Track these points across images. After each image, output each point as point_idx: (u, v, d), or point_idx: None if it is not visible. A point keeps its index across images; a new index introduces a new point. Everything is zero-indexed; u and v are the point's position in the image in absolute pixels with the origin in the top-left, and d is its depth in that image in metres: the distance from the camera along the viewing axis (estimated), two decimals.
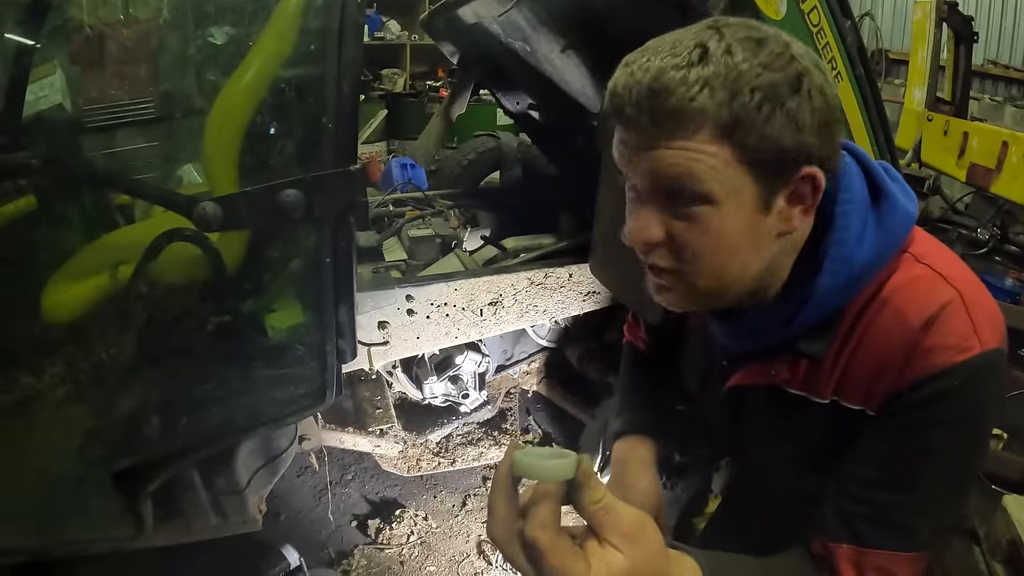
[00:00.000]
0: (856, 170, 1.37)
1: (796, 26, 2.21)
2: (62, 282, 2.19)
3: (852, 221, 1.31)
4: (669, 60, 1.16)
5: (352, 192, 1.82)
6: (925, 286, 1.31)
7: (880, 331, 1.32)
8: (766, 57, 1.15)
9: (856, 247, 1.30)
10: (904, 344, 1.28)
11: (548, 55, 2.81)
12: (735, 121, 1.15)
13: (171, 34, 2.90)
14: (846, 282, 1.32)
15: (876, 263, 1.32)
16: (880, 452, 1.34)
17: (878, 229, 1.33)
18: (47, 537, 2.11)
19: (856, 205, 1.33)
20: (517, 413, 3.50)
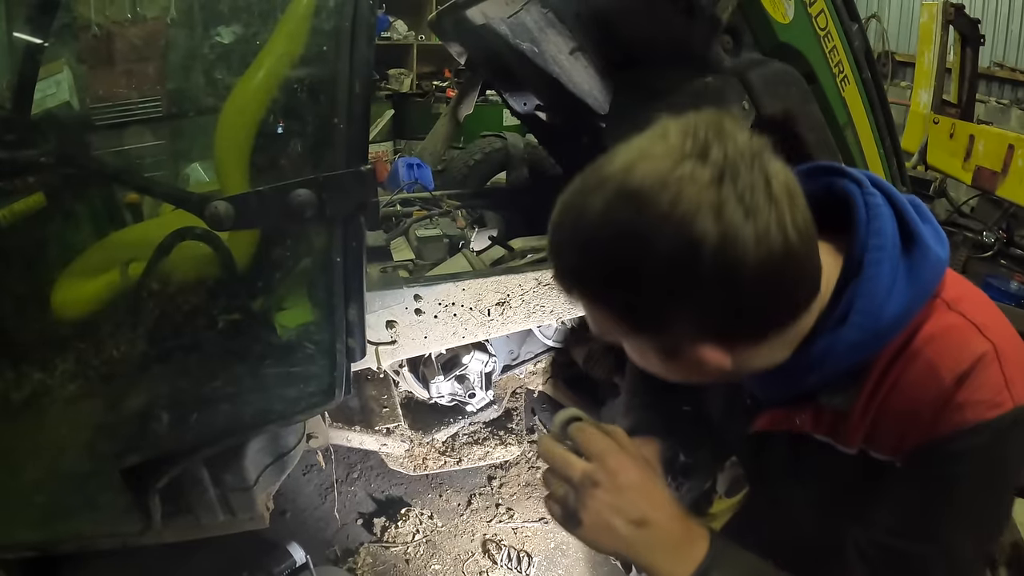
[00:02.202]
0: (888, 211, 1.31)
1: (803, 29, 2.22)
2: (73, 279, 2.20)
3: (882, 271, 1.25)
4: (558, 215, 1.19)
5: (363, 192, 1.83)
6: (958, 338, 1.26)
7: (911, 384, 1.26)
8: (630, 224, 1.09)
9: (885, 300, 1.25)
10: (936, 398, 1.23)
11: (556, 56, 2.82)
12: (592, 289, 1.20)
13: (178, 33, 2.91)
14: (872, 337, 1.27)
15: (905, 316, 1.27)
16: (905, 502, 1.31)
17: (909, 280, 1.27)
18: (56, 532, 2.13)
19: (887, 253, 1.27)
20: (523, 413, 3.50)
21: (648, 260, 1.08)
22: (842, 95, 2.37)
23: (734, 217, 1.04)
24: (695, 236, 1.04)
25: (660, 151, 1.08)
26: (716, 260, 1.05)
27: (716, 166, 1.05)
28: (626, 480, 1.30)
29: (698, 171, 1.05)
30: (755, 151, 1.09)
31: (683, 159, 1.06)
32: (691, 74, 2.11)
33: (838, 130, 2.36)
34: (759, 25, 2.12)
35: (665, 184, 1.05)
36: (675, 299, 1.14)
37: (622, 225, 1.09)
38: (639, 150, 1.10)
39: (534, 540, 3.41)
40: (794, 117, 2.19)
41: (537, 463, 3.85)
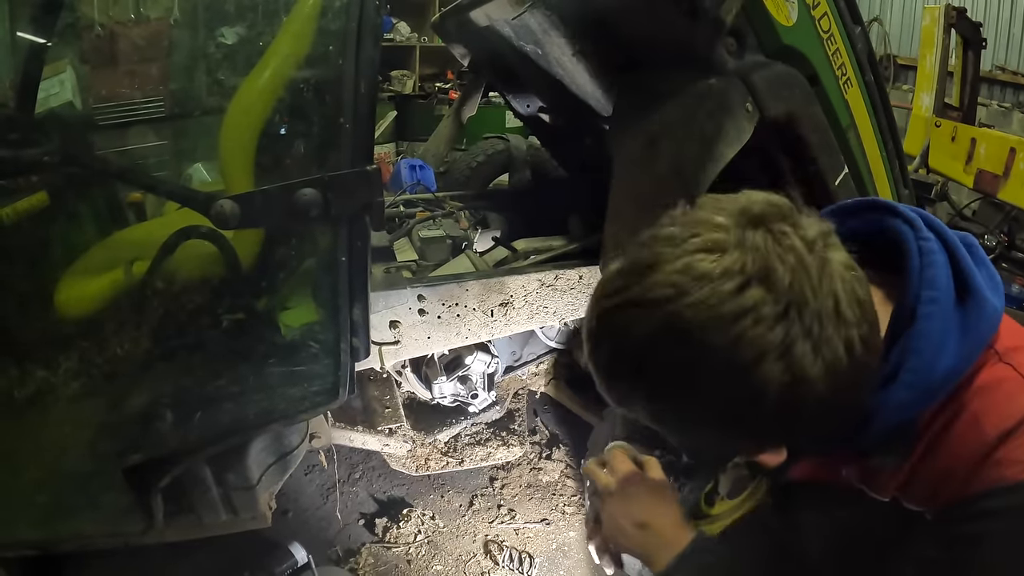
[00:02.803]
0: (942, 258, 1.23)
1: (807, 32, 2.22)
2: (76, 277, 2.20)
3: (934, 326, 1.18)
4: (596, 328, 1.17)
5: (368, 192, 1.83)
6: (1007, 393, 1.20)
7: (954, 436, 1.20)
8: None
9: (937, 357, 1.17)
10: (976, 453, 1.17)
11: (559, 58, 2.82)
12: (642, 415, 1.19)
13: (182, 33, 2.92)
14: (923, 395, 1.19)
15: (958, 372, 1.19)
16: (933, 559, 1.25)
17: (963, 334, 1.19)
18: (57, 531, 2.13)
19: (940, 306, 1.19)
20: (525, 414, 3.50)
21: (704, 402, 1.08)
22: (845, 97, 2.38)
23: (803, 357, 1.00)
24: (759, 381, 1.01)
25: (716, 269, 1.00)
26: (781, 401, 1.02)
27: (781, 295, 0.99)
28: (634, 491, 1.60)
29: (761, 305, 0.99)
30: (821, 258, 1.03)
31: (744, 286, 0.99)
32: (694, 76, 2.12)
33: (841, 132, 2.36)
34: (762, 27, 2.12)
35: (723, 323, 1.00)
36: (732, 434, 1.16)
37: (673, 367, 1.06)
38: (688, 268, 1.02)
39: (536, 541, 3.40)
40: (797, 119, 2.19)
41: (538, 464, 3.85)
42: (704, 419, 1.12)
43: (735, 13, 2.01)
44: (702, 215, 1.07)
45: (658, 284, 1.03)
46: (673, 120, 2.15)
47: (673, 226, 1.09)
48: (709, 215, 1.06)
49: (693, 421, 1.14)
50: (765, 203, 1.06)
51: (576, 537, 3.42)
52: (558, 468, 3.84)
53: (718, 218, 1.04)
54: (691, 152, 2.06)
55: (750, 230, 1.02)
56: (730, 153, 2.04)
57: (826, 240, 1.06)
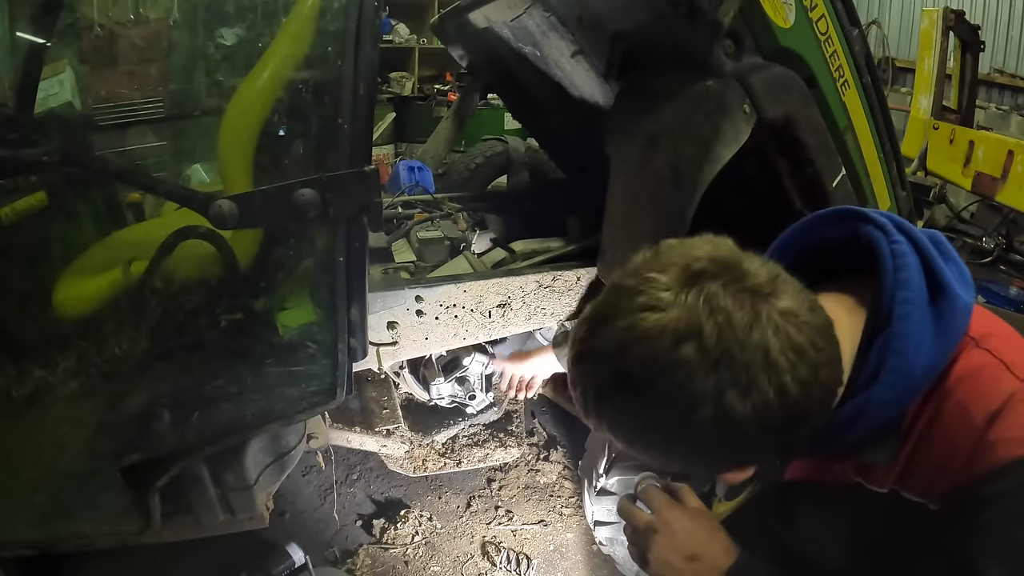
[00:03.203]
0: (914, 260, 1.31)
1: (804, 34, 2.22)
2: (75, 277, 2.21)
3: (911, 327, 1.26)
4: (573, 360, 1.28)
5: (367, 192, 1.83)
6: (988, 377, 1.26)
7: (943, 426, 1.27)
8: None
9: (915, 355, 1.25)
10: (968, 439, 1.23)
11: (558, 60, 2.82)
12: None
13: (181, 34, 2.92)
14: (904, 393, 1.27)
15: (935, 368, 1.28)
16: (946, 550, 1.29)
17: (938, 331, 1.27)
18: (55, 531, 2.13)
19: (915, 306, 1.27)
20: (523, 415, 3.50)
21: (655, 440, 1.23)
22: (842, 99, 2.38)
23: (732, 403, 1.09)
24: (696, 424, 1.11)
25: (654, 328, 1.11)
26: (719, 439, 1.13)
27: (710, 351, 1.09)
28: (678, 526, 1.56)
29: (693, 360, 1.09)
30: (753, 312, 1.11)
31: (678, 343, 1.09)
32: (692, 78, 2.12)
33: (838, 134, 2.37)
34: (760, 29, 2.12)
35: (662, 376, 1.11)
36: (686, 462, 1.30)
37: (624, 412, 1.21)
38: (632, 326, 1.13)
39: (533, 542, 3.41)
40: (795, 121, 2.20)
41: (536, 466, 3.86)
42: (661, 451, 1.25)
43: (733, 15, 2.01)
44: (651, 272, 1.17)
45: (609, 339, 1.16)
46: (671, 122, 2.15)
47: (630, 276, 1.19)
48: (657, 273, 1.16)
49: (652, 453, 1.26)
50: (708, 259, 1.15)
51: (573, 538, 3.43)
52: (556, 470, 3.85)
53: (662, 277, 1.15)
54: (688, 154, 2.07)
55: (686, 290, 1.12)
56: (727, 155, 2.04)
57: (771, 287, 1.14)
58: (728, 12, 1.99)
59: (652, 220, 2.18)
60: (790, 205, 2.37)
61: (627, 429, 1.24)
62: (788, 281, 1.17)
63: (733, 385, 1.09)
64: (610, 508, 2.85)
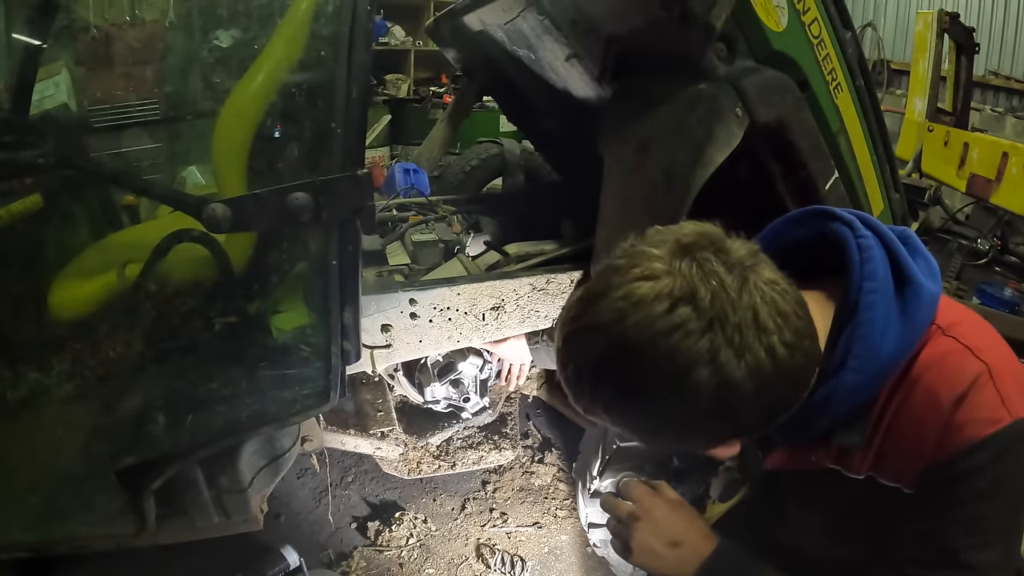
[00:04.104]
0: (880, 253, 1.37)
1: (797, 37, 2.23)
2: (70, 280, 2.20)
3: (876, 315, 1.32)
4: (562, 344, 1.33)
5: (360, 196, 1.84)
6: (953, 362, 1.32)
7: (912, 410, 1.33)
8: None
9: (881, 341, 1.31)
10: (936, 422, 1.29)
11: (552, 63, 2.83)
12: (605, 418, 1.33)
13: (177, 36, 2.92)
14: (871, 378, 1.33)
15: (901, 354, 1.34)
16: (923, 531, 1.35)
17: (903, 319, 1.33)
18: (51, 533, 2.13)
19: (880, 295, 1.33)
20: (517, 418, 3.51)
21: (649, 408, 1.24)
22: (835, 102, 2.39)
23: (727, 363, 1.14)
24: (693, 385, 1.15)
25: (650, 294, 1.16)
26: (715, 402, 1.16)
27: (704, 312, 1.14)
28: (659, 514, 1.64)
29: (688, 321, 1.14)
30: (742, 278, 1.17)
31: (673, 307, 1.15)
32: (685, 81, 2.12)
33: (831, 137, 2.37)
34: (753, 33, 2.13)
35: (658, 339, 1.15)
36: (679, 434, 1.31)
37: (622, 381, 1.22)
38: (628, 295, 1.18)
39: (528, 544, 3.41)
40: (787, 124, 2.20)
41: (531, 468, 3.86)
42: (655, 423, 1.28)
43: (725, 19, 2.01)
44: (643, 247, 1.23)
45: (605, 310, 1.20)
46: (664, 125, 2.16)
47: (621, 257, 1.25)
48: (648, 247, 1.23)
49: (647, 426, 1.30)
50: (695, 234, 1.23)
51: (568, 541, 3.43)
52: (550, 472, 3.85)
53: (655, 250, 1.21)
54: (681, 157, 2.07)
55: (679, 258, 1.19)
56: (720, 158, 2.05)
57: (753, 259, 1.22)
58: (720, 15, 1.99)
59: (645, 223, 2.15)
60: (783, 208, 2.37)
61: (622, 402, 1.25)
62: (764, 258, 1.25)
63: (728, 344, 1.14)
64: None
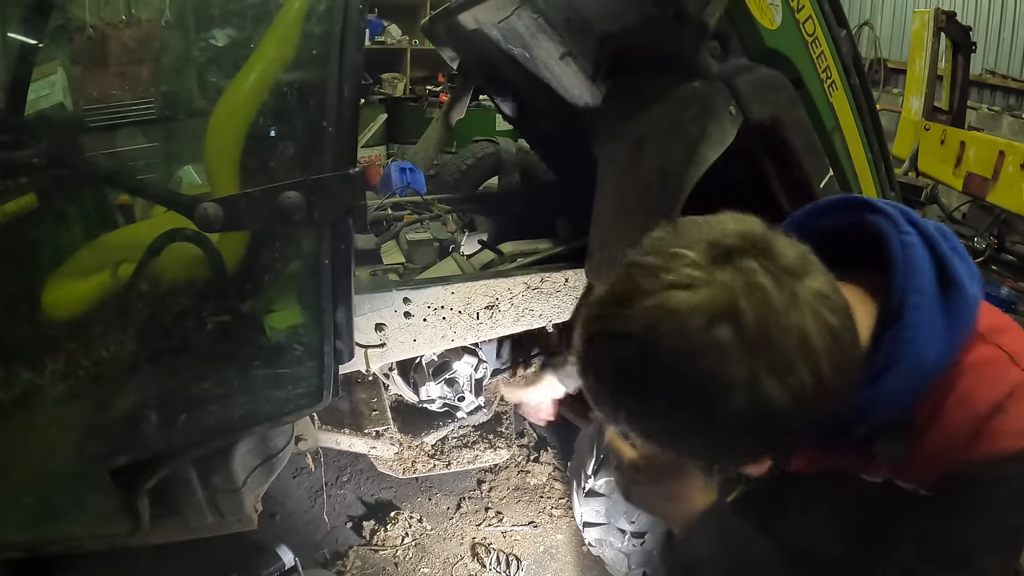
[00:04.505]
0: (923, 252, 1.29)
1: (791, 35, 2.22)
2: (63, 279, 2.20)
3: (922, 318, 1.24)
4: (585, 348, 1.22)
5: (352, 195, 1.84)
6: (994, 369, 1.27)
7: (945, 414, 1.26)
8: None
9: (926, 347, 1.23)
10: (970, 427, 1.23)
11: (547, 61, 2.82)
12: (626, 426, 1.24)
13: (172, 36, 2.92)
14: (916, 384, 1.26)
15: (946, 360, 1.26)
16: (937, 532, 1.31)
17: (948, 324, 1.25)
18: (45, 533, 2.12)
19: (925, 297, 1.25)
20: (512, 417, 3.50)
21: (677, 425, 1.14)
22: (830, 100, 2.38)
23: (768, 389, 1.03)
24: (727, 411, 1.05)
25: (685, 305, 1.04)
26: (750, 424, 1.07)
27: (747, 333, 1.02)
28: (660, 464, 1.57)
29: (728, 342, 1.02)
30: (790, 293, 1.05)
31: (711, 323, 1.03)
32: (679, 80, 2.12)
33: (826, 135, 2.37)
34: (747, 31, 2.12)
35: (692, 358, 1.04)
36: (707, 451, 1.26)
37: (648, 396, 1.11)
38: (660, 304, 1.05)
39: (523, 544, 3.41)
40: (781, 122, 2.20)
41: (526, 467, 3.86)
42: (682, 440, 1.19)
43: (719, 17, 2.01)
44: (677, 248, 1.09)
45: (633, 318, 1.07)
46: (657, 123, 2.15)
47: (651, 255, 1.12)
48: (683, 249, 1.09)
49: (672, 441, 1.21)
50: (737, 235, 1.09)
51: (563, 540, 3.43)
52: (546, 471, 3.85)
53: (691, 252, 1.07)
54: (675, 155, 2.07)
55: (719, 266, 1.05)
56: (713, 156, 2.04)
57: (803, 267, 1.09)
58: (714, 14, 1.99)
59: (639, 222, 2.17)
60: (777, 207, 2.37)
61: (647, 416, 1.16)
62: (816, 261, 1.13)
63: (770, 371, 1.03)
64: (599, 509, 2.85)
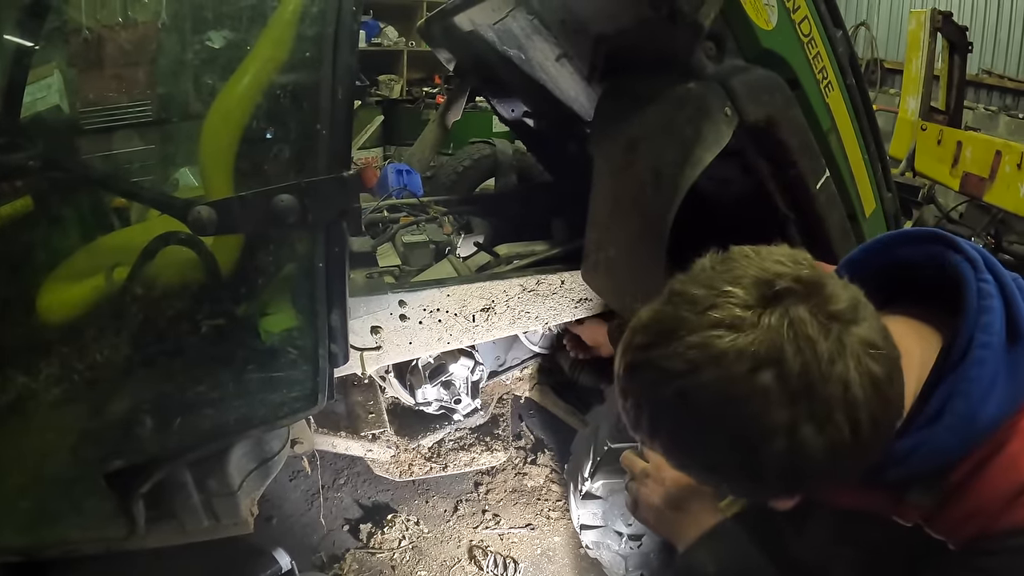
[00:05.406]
0: (999, 303, 1.23)
1: (787, 36, 2.22)
2: (58, 283, 2.20)
3: (984, 372, 1.18)
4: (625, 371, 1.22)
5: (345, 198, 1.84)
6: None
7: (989, 475, 1.21)
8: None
9: (983, 402, 1.17)
10: (1007, 492, 1.18)
11: (542, 63, 2.82)
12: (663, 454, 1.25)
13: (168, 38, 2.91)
14: (965, 440, 1.20)
15: (1001, 419, 1.19)
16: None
17: (1011, 380, 1.19)
18: (41, 537, 2.12)
19: (992, 351, 1.19)
20: (509, 419, 3.50)
21: (711, 462, 1.15)
22: (826, 101, 2.37)
23: (806, 438, 1.03)
24: (763, 455, 1.05)
25: (730, 351, 1.03)
26: (784, 471, 1.07)
27: (790, 381, 1.02)
28: (669, 475, 1.69)
29: (770, 389, 1.02)
30: (838, 342, 1.04)
31: (755, 369, 1.02)
32: (674, 81, 2.11)
33: (822, 136, 2.36)
34: (742, 31, 2.12)
35: (733, 402, 1.04)
36: (738, 487, 1.28)
37: (685, 432, 1.13)
38: (704, 344, 1.05)
39: (520, 546, 3.40)
40: (777, 123, 2.19)
41: (523, 469, 3.85)
42: (715, 475, 1.20)
43: (714, 17, 2.00)
44: (725, 284, 1.08)
45: (676, 355, 1.07)
46: (652, 125, 2.15)
47: (698, 287, 1.11)
48: (732, 286, 1.08)
49: (704, 476, 1.24)
50: (791, 278, 1.07)
51: (561, 542, 3.42)
52: (543, 473, 3.84)
53: (739, 291, 1.06)
54: (669, 157, 2.06)
55: (768, 310, 1.05)
56: (709, 157, 2.03)
57: (852, 313, 1.07)
58: (709, 14, 1.98)
59: (634, 223, 2.17)
60: (773, 208, 2.36)
61: (684, 451, 1.17)
62: (867, 307, 1.11)
63: (810, 419, 1.02)
64: (596, 512, 2.85)
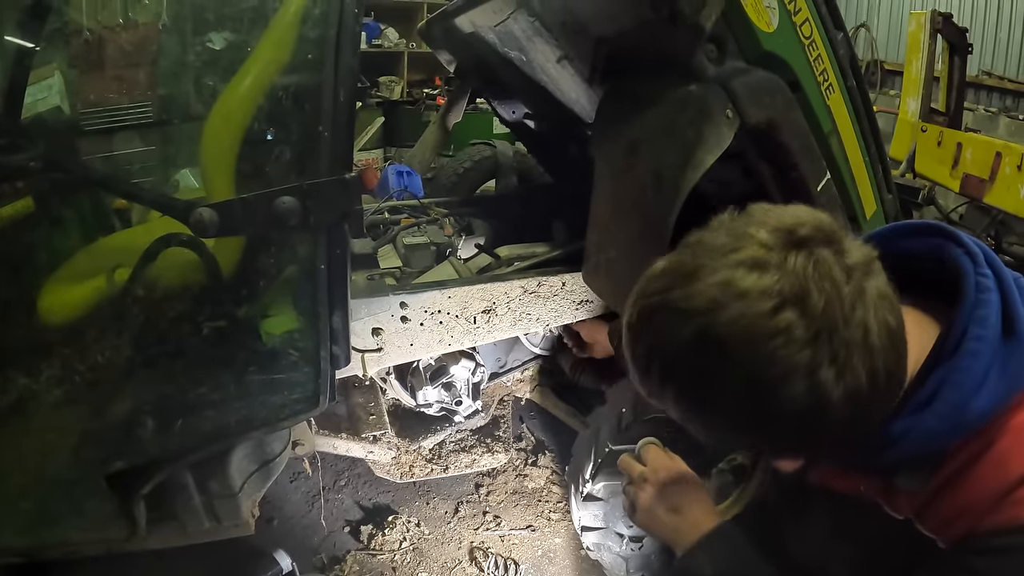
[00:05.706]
0: (996, 298, 1.24)
1: (788, 38, 2.22)
2: (59, 284, 2.20)
3: (977, 364, 1.19)
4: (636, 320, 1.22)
5: (347, 200, 1.84)
6: None
7: (979, 472, 1.22)
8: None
9: (974, 393, 1.19)
10: (996, 490, 1.19)
11: (543, 65, 2.82)
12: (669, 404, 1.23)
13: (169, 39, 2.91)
14: (954, 428, 1.21)
15: (992, 412, 1.21)
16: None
17: (1003, 374, 1.20)
18: (42, 538, 2.12)
19: (986, 344, 1.20)
20: (510, 421, 3.50)
21: (725, 408, 1.13)
22: (827, 103, 2.38)
23: (826, 382, 1.04)
24: (782, 398, 1.05)
25: (753, 289, 1.04)
26: (801, 418, 1.07)
27: (813, 321, 1.03)
28: (666, 477, 1.72)
29: (793, 328, 1.02)
30: (858, 287, 1.06)
31: (779, 308, 1.03)
32: (675, 83, 2.11)
33: (823, 138, 2.36)
34: (743, 33, 2.12)
35: (755, 341, 1.04)
36: (747, 438, 1.26)
37: (703, 374, 1.11)
38: (727, 283, 1.06)
39: (521, 548, 3.40)
40: (778, 125, 2.19)
41: (524, 471, 3.85)
42: (728, 424, 1.18)
43: (715, 19, 2.00)
44: (749, 228, 1.10)
45: (697, 294, 1.08)
46: (653, 127, 2.15)
47: (719, 234, 1.13)
48: (755, 229, 1.09)
49: (717, 424, 1.19)
50: (812, 226, 1.08)
51: (561, 544, 3.42)
52: (544, 475, 3.84)
53: (763, 234, 1.08)
54: (670, 159, 2.06)
55: (792, 252, 1.06)
56: (710, 160, 2.03)
57: (868, 267, 1.09)
58: (710, 16, 1.98)
59: (635, 225, 2.17)
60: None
61: (696, 396, 1.16)
62: (880, 267, 1.13)
63: (830, 362, 1.04)
64: (597, 513, 2.85)
